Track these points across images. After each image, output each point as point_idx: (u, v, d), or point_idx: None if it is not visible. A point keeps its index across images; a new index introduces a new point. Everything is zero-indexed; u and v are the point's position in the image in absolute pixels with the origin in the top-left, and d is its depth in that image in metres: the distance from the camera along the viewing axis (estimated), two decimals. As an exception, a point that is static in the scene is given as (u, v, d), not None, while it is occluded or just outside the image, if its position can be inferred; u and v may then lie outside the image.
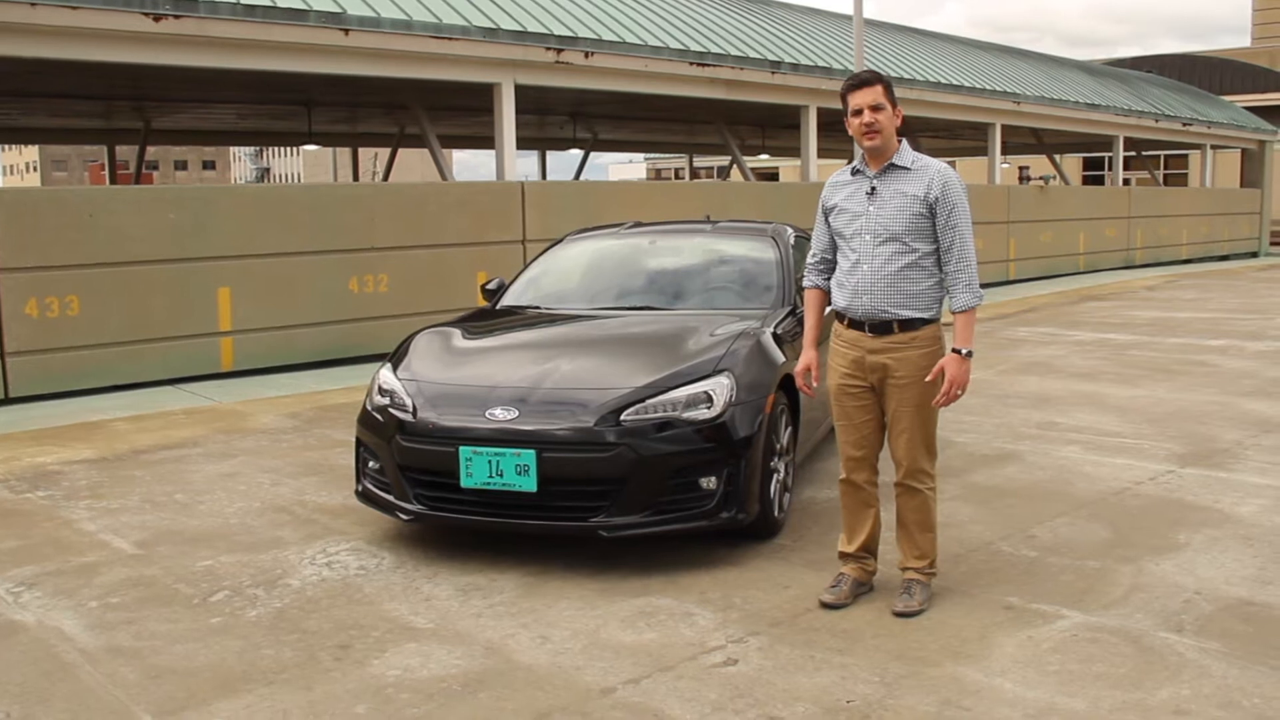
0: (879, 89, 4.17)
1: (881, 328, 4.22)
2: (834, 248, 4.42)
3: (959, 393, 4.12)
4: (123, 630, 4.16)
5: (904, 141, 4.28)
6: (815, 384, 4.46)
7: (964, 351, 4.11)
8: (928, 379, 4.13)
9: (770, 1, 18.65)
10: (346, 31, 10.61)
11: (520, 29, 12.07)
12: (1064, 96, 21.94)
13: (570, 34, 12.59)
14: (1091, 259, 23.25)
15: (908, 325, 4.20)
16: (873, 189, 4.25)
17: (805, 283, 4.56)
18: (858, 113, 4.19)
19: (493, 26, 11.80)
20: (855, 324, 4.27)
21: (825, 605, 4.27)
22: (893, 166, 4.23)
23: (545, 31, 12.32)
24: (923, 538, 4.34)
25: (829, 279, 4.45)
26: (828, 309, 4.49)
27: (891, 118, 4.19)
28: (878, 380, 4.25)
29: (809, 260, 4.55)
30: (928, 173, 4.21)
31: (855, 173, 4.34)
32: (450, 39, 11.40)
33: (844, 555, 4.46)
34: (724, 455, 4.74)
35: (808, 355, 4.45)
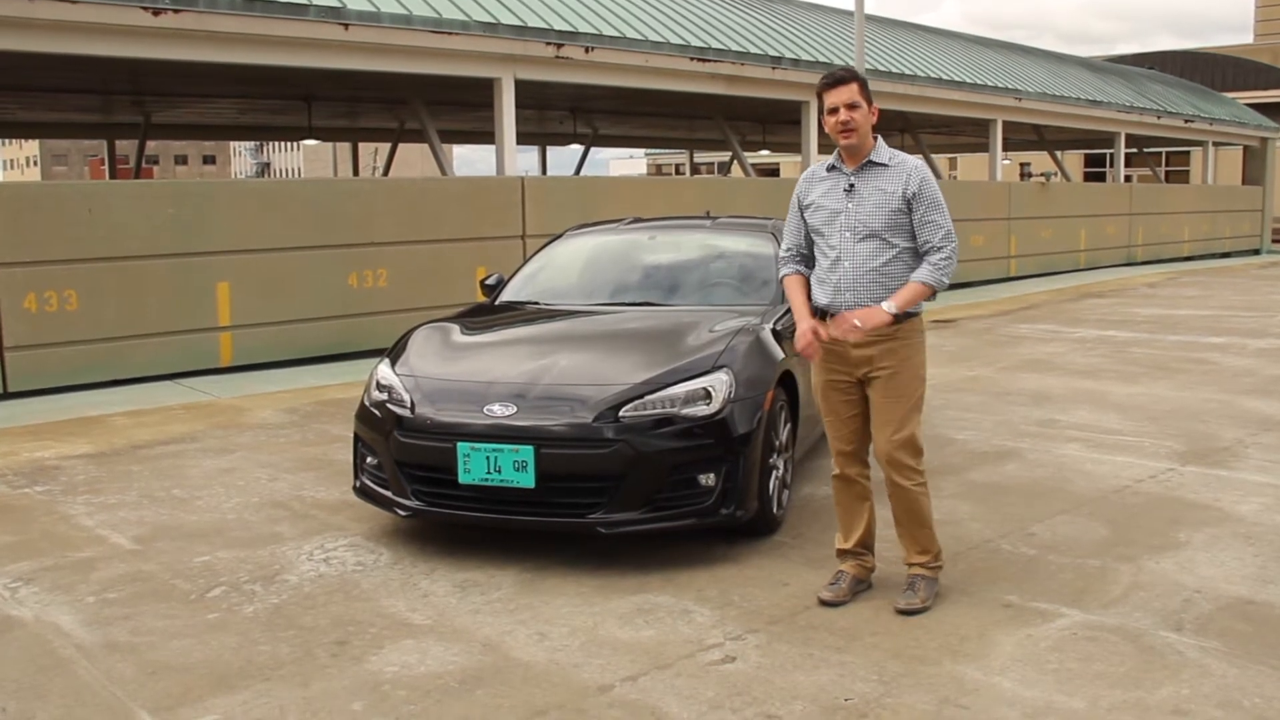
0: (854, 87, 4.17)
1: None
2: (809, 243, 4.41)
3: (846, 330, 4.05)
4: (119, 626, 4.15)
5: (879, 138, 4.30)
6: (825, 337, 4.24)
7: (890, 309, 4.07)
8: (850, 323, 4.06)
9: (771, -3, 18.61)
10: (346, 26, 10.59)
11: (520, 24, 12.05)
12: (1065, 93, 21.91)
13: (570, 29, 12.56)
14: (1092, 256, 23.23)
15: (891, 320, 4.19)
16: (850, 186, 4.25)
17: (784, 270, 4.47)
18: (833, 111, 4.19)
19: (492, 21, 11.77)
20: None
21: (824, 603, 4.26)
22: (870, 163, 4.24)
23: (545, 26, 12.30)
24: (920, 533, 4.32)
25: (807, 267, 4.43)
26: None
27: (867, 115, 4.19)
28: (863, 375, 4.25)
29: (783, 254, 4.50)
30: (904, 169, 4.22)
31: (831, 169, 4.34)
32: (450, 34, 11.38)
33: (842, 552, 4.45)
34: (722, 452, 4.73)
35: (809, 322, 4.26)
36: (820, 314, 4.33)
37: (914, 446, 4.27)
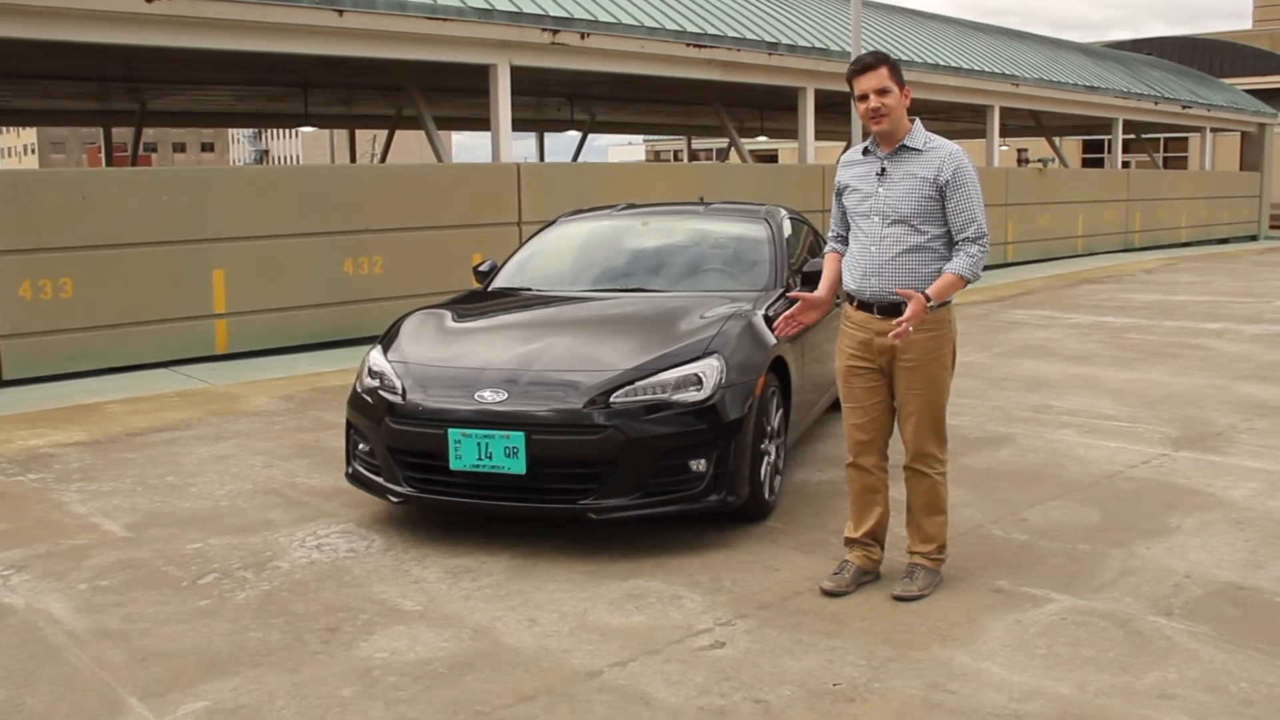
0: (884, 71, 4.09)
1: (890, 309, 4.14)
2: (848, 225, 4.38)
3: (898, 335, 3.95)
4: (111, 613, 4.16)
5: (917, 122, 4.21)
6: (797, 315, 4.34)
7: (931, 302, 4.01)
8: (905, 329, 3.96)
9: (768, -18, 18.54)
10: (341, 12, 10.55)
11: (516, 10, 12.00)
12: (1063, 79, 21.85)
13: (566, 15, 12.52)
14: (1090, 242, 23.20)
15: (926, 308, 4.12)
16: (882, 170, 4.19)
17: (826, 249, 4.54)
18: (863, 98, 4.11)
19: (488, 7, 11.73)
20: (864, 305, 4.22)
21: (826, 593, 4.22)
22: (904, 148, 4.17)
23: (541, 12, 12.26)
24: (929, 522, 4.29)
25: (845, 247, 4.41)
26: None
27: (899, 100, 4.11)
28: (886, 362, 4.20)
29: (828, 235, 4.53)
30: (939, 155, 4.14)
31: (866, 152, 4.28)
32: (445, 20, 11.34)
33: (849, 541, 4.39)
34: (714, 437, 4.72)
35: (805, 301, 4.32)
36: (849, 298, 4.30)
37: (940, 435, 4.25)
